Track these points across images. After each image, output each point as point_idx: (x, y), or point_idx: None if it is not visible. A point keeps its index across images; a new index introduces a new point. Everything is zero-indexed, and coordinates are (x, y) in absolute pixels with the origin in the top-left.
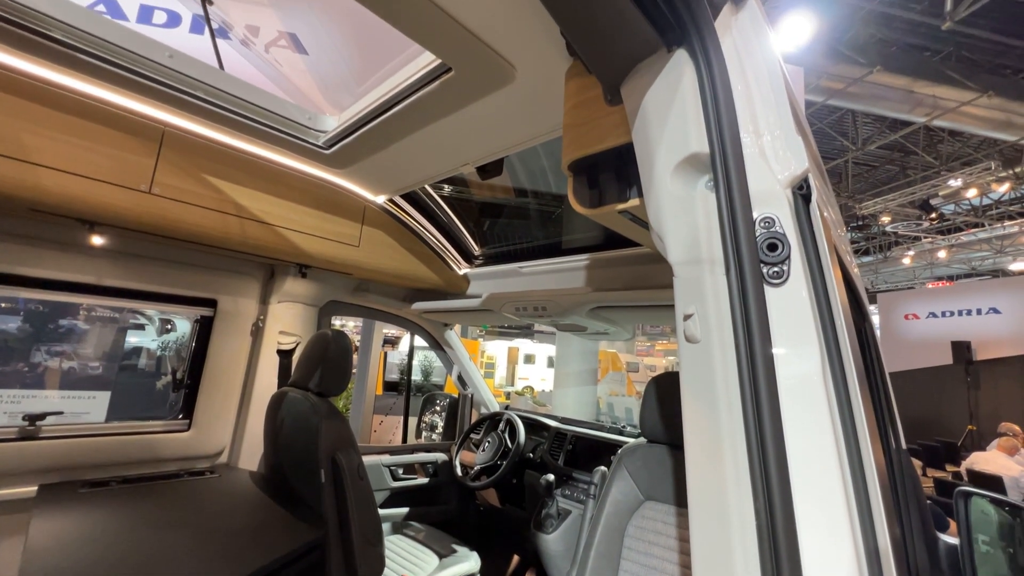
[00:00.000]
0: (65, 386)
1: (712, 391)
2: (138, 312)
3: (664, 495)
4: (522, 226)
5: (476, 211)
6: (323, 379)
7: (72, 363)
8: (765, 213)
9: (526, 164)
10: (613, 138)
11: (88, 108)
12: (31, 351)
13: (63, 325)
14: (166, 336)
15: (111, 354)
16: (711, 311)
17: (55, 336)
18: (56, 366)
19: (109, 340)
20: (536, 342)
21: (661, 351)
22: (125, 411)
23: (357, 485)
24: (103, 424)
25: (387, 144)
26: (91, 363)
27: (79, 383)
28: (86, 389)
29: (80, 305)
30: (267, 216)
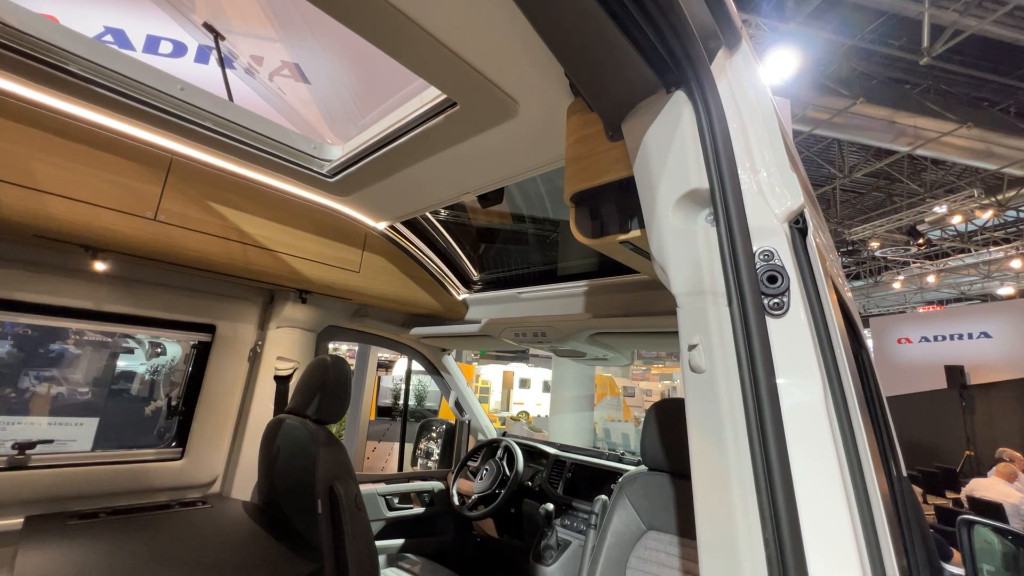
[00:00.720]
0: (51, 412)
1: (718, 420)
2: (128, 336)
3: (666, 525)
4: (520, 252)
5: (475, 237)
6: (322, 406)
7: (59, 389)
8: (764, 246)
9: (524, 191)
10: (614, 172)
11: (98, 137)
12: (16, 376)
13: (51, 350)
14: (156, 360)
15: (99, 380)
16: (715, 342)
17: (41, 361)
18: (42, 392)
19: (97, 366)
20: (531, 366)
21: (657, 375)
22: (113, 439)
23: (355, 516)
24: (94, 453)
25: (390, 173)
26: (79, 389)
27: (66, 410)
28: (73, 415)
29: (68, 329)
30: (269, 242)
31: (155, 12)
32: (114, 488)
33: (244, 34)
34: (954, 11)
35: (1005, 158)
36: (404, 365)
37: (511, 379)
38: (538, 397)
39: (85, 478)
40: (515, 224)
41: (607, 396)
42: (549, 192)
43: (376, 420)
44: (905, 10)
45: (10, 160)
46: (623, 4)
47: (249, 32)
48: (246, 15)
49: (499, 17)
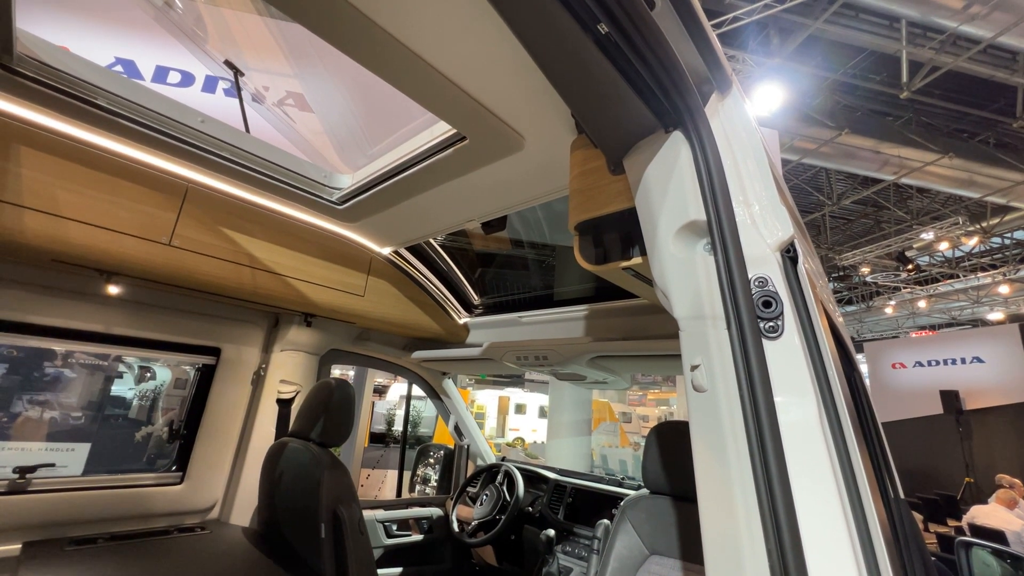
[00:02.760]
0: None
1: (721, 438)
2: (121, 361)
3: (669, 549)
4: (521, 277)
5: (476, 261)
6: (326, 428)
7: (52, 413)
8: (759, 273)
9: (525, 217)
10: (617, 203)
11: (119, 166)
12: (8, 400)
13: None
14: (147, 385)
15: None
16: (716, 362)
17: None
18: (35, 416)
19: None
20: (527, 391)
21: (653, 400)
22: (105, 465)
23: (358, 541)
24: (92, 477)
25: (398, 201)
26: (72, 413)
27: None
28: (64, 441)
29: (56, 352)
30: (278, 266)
31: (163, 42)
32: (113, 513)
33: (258, 68)
34: (930, 49)
35: (987, 187)
36: (398, 390)
37: (507, 404)
38: (534, 423)
39: (84, 503)
40: (516, 249)
41: (604, 422)
42: (549, 218)
43: (370, 447)
44: (884, 47)
45: (34, 188)
46: (623, 52)
47: (262, 66)
48: (258, 47)
49: (507, 57)
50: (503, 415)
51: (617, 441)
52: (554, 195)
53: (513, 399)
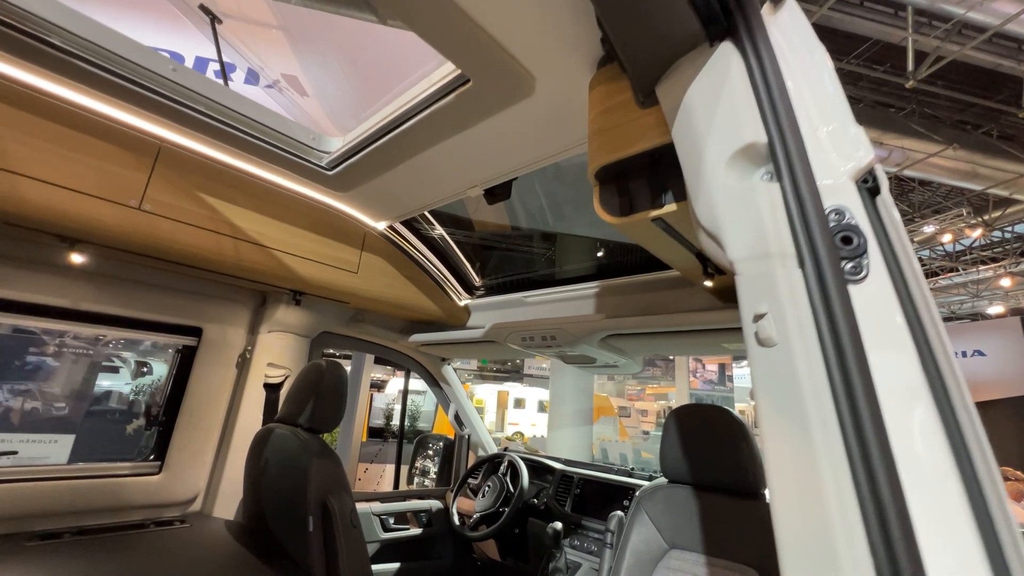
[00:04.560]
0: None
1: (799, 402)
2: (115, 356)
3: (691, 542)
4: (525, 254)
5: (477, 240)
6: (315, 413)
7: (35, 403)
8: (834, 204)
9: (531, 186)
10: (647, 140)
11: (79, 118)
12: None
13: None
14: (140, 379)
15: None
16: (788, 308)
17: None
18: (16, 406)
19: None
20: (526, 386)
21: (652, 395)
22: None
23: (350, 534)
24: (61, 466)
25: (393, 164)
26: (56, 404)
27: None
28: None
29: (42, 339)
30: (263, 238)
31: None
32: (85, 505)
33: (236, 17)
34: (936, 37)
35: (990, 179)
36: (396, 385)
37: (506, 399)
38: (533, 417)
39: (51, 494)
40: (520, 224)
41: (603, 416)
42: (556, 187)
43: (368, 442)
44: (890, 36)
45: None
46: None
47: (245, 17)
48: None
49: None
50: (502, 409)
51: (616, 435)
52: (567, 152)
53: (512, 393)
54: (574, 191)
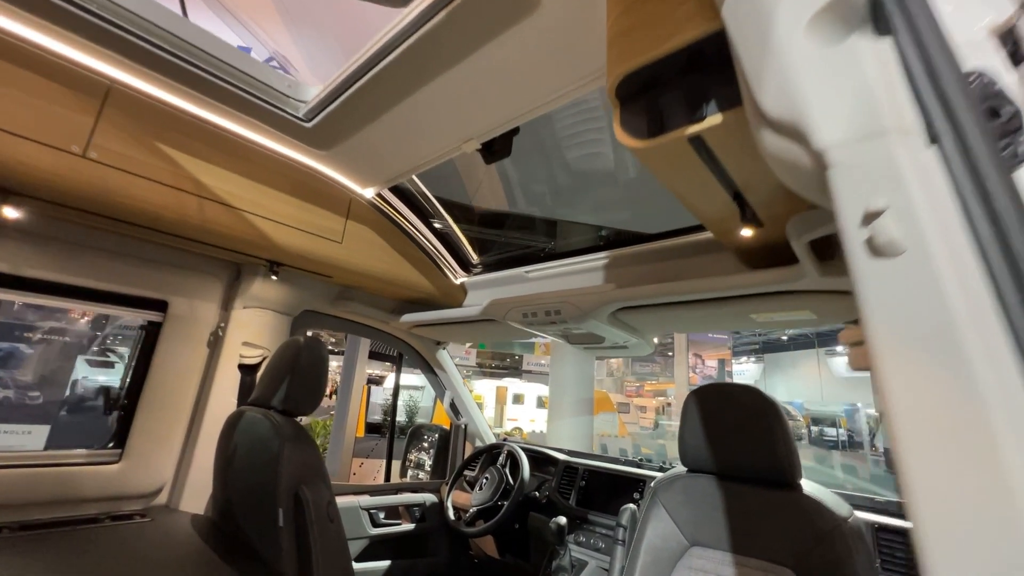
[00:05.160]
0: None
1: (946, 329)
2: (111, 351)
3: (715, 539)
4: (526, 228)
5: (474, 215)
6: (290, 394)
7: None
8: (973, 67)
9: (530, 147)
10: (687, 31)
11: (10, 48)
12: None
13: None
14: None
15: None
16: (920, 200)
17: None
18: None
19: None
20: (525, 381)
21: (650, 391)
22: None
23: (326, 529)
24: (3, 453)
25: (377, 114)
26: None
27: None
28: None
29: (19, 323)
30: (233, 199)
31: None
32: (31, 497)
33: None
34: None
35: None
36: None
37: (504, 395)
38: (532, 413)
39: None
40: (520, 192)
41: (602, 412)
42: (557, 155)
43: (365, 437)
44: None
45: None
46: None
47: None
48: None
49: None
50: (501, 405)
51: (615, 431)
52: (578, 88)
53: (511, 389)
54: (579, 149)
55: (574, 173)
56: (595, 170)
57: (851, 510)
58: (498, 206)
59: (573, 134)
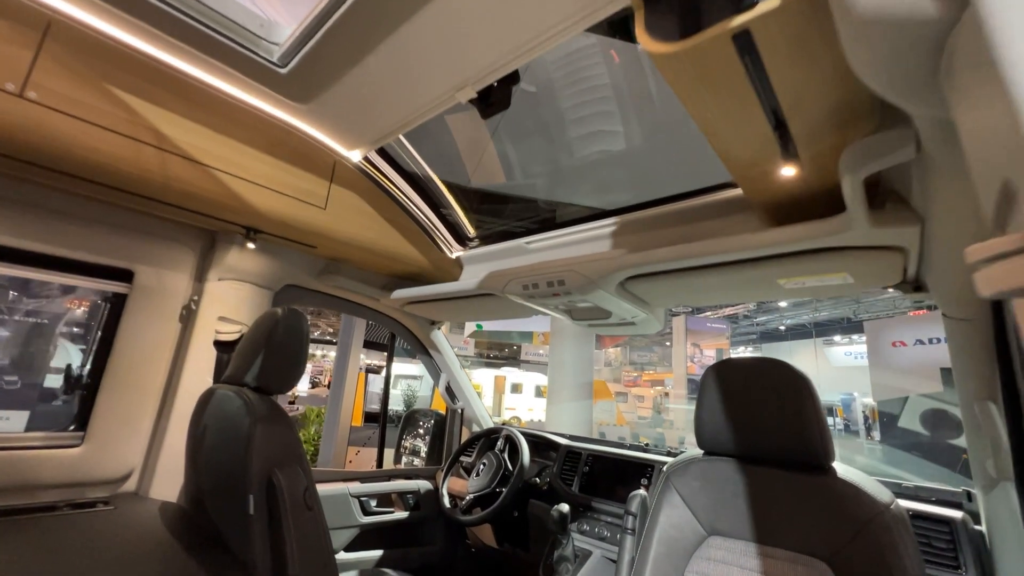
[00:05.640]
0: None
1: None
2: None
3: (736, 528)
4: (527, 192)
5: (471, 184)
6: (265, 369)
7: None
8: None
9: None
10: None
11: None
12: None
13: None
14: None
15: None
16: None
17: None
18: None
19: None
20: (523, 371)
21: (648, 382)
22: None
23: (303, 518)
24: None
25: (360, 54)
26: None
27: None
28: None
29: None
30: (201, 154)
31: None
32: None
33: None
34: None
35: None
36: (395, 370)
37: (503, 384)
38: (530, 402)
39: None
40: (517, 153)
41: (600, 401)
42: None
43: (363, 426)
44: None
45: None
46: None
47: None
48: None
49: None
50: (499, 394)
51: (614, 420)
52: (589, 16)
53: (509, 378)
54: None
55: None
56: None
57: (892, 496)
58: (496, 176)
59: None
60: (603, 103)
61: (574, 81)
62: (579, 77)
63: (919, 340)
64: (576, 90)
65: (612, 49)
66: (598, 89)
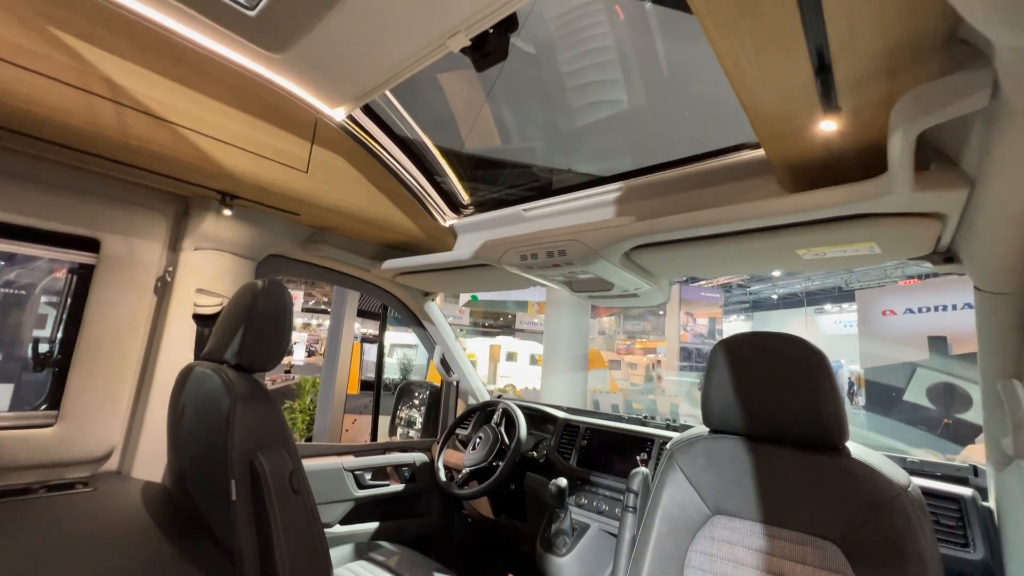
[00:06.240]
0: None
1: None
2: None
3: (743, 507)
4: (525, 157)
5: (465, 148)
6: (246, 346)
7: None
8: None
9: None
10: None
11: None
12: None
13: None
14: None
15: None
16: None
17: None
18: None
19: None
20: (519, 339)
21: (641, 349)
22: None
23: (289, 503)
24: None
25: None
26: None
27: None
28: None
29: None
30: (162, 108)
31: None
32: None
33: None
34: None
35: None
36: (391, 339)
37: (498, 352)
38: (525, 371)
39: None
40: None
41: (594, 370)
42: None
43: (359, 394)
44: None
45: None
46: None
47: None
48: None
49: None
50: (495, 363)
51: (607, 387)
52: None
53: (504, 347)
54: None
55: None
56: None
57: (909, 478)
58: (492, 139)
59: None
60: (606, 63)
61: (576, 41)
62: (581, 36)
63: (909, 309)
64: (578, 50)
65: (617, 4)
66: (601, 50)
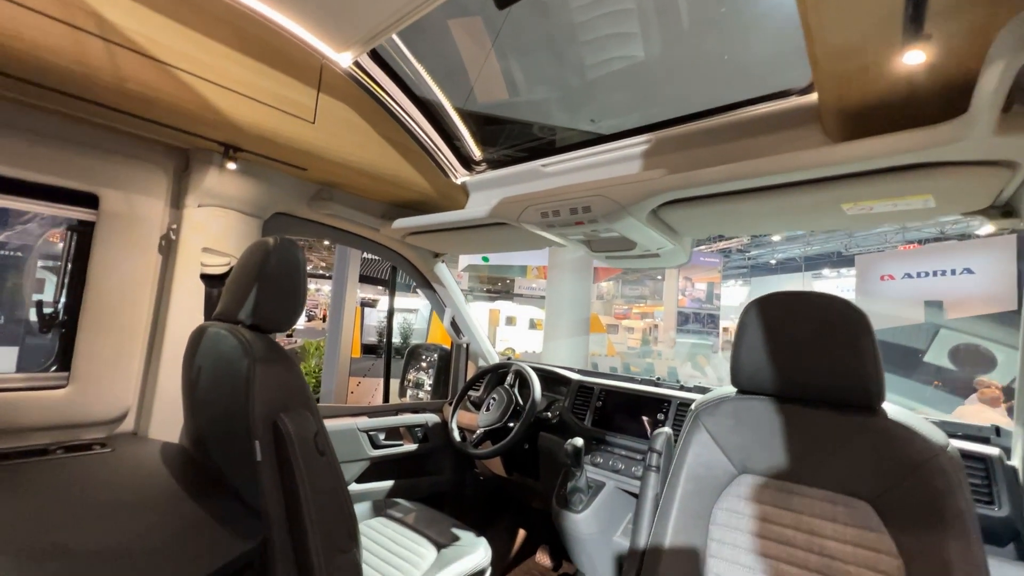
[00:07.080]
0: None
1: None
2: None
3: (771, 467)
4: (543, 111)
5: (478, 101)
6: (260, 306)
7: None
8: None
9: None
10: None
11: None
12: None
13: None
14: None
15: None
16: None
17: None
18: None
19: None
20: (518, 304)
21: (638, 314)
22: None
23: (315, 464)
24: None
25: None
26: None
27: None
28: None
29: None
30: (158, 48)
31: None
32: None
33: None
34: None
35: None
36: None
37: (497, 317)
38: (524, 335)
39: None
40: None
41: (592, 334)
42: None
43: (361, 358)
44: None
45: None
46: None
47: None
48: None
49: None
50: (494, 327)
51: (604, 351)
52: None
53: (504, 312)
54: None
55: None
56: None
57: (947, 439)
58: (507, 91)
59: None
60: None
61: None
62: None
63: (907, 274)
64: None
65: None
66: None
